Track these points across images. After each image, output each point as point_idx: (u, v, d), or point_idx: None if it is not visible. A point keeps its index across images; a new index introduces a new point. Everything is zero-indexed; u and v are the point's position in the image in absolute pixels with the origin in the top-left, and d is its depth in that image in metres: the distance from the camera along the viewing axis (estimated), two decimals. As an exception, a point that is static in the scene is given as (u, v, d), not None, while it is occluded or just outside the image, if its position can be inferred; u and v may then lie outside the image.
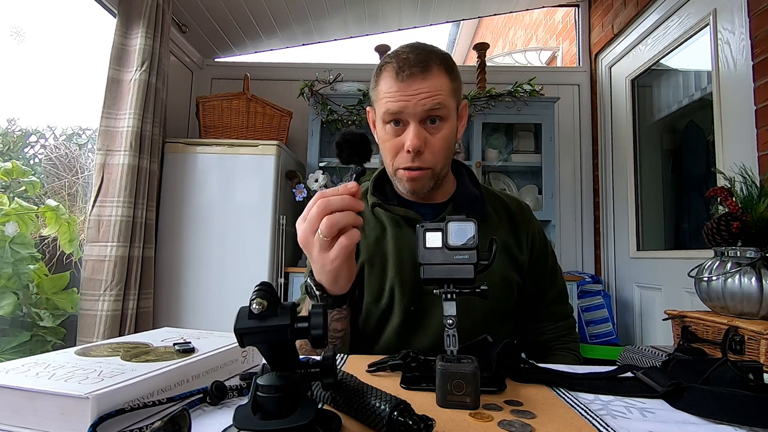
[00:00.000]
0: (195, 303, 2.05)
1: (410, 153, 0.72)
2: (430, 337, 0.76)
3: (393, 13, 2.59)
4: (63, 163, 2.10)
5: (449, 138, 0.75)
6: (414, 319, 0.77)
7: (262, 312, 0.33)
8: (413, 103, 0.70)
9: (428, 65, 0.71)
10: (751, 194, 1.07)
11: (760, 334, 0.92)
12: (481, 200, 0.83)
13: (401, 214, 0.80)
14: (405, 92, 0.71)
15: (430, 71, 0.71)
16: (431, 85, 0.71)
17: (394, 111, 0.72)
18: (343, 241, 0.55)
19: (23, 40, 1.95)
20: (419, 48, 0.73)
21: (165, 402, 0.40)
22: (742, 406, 0.41)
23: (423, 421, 0.35)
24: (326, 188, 2.51)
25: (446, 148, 0.75)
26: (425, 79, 0.71)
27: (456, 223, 0.50)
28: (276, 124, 2.35)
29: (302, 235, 0.59)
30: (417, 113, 0.71)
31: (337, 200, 0.55)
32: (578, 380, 0.52)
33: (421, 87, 0.70)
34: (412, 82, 0.70)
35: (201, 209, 2.10)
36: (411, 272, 0.77)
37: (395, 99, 0.71)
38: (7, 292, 1.61)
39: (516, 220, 0.86)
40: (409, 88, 0.70)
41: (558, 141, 2.58)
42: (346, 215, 0.55)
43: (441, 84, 0.72)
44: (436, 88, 0.71)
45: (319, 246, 0.57)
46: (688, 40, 1.90)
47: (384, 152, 0.78)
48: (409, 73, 0.70)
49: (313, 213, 0.55)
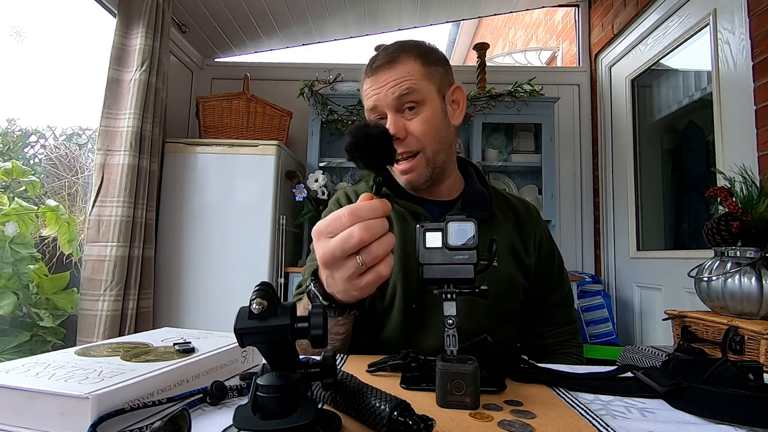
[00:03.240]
0: (195, 303, 2.05)
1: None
2: (433, 335, 0.76)
3: (393, 13, 2.59)
4: (63, 163, 2.10)
5: (432, 120, 0.75)
6: (416, 317, 0.76)
7: (262, 312, 0.33)
8: (383, 94, 0.73)
9: (396, 56, 0.74)
10: (751, 194, 1.07)
11: (760, 334, 0.92)
12: (489, 199, 0.83)
13: (409, 208, 0.80)
14: (375, 85, 0.74)
15: (397, 60, 0.74)
16: (398, 72, 0.73)
17: (371, 106, 0.75)
18: (383, 271, 0.48)
19: (23, 40, 1.95)
20: (392, 45, 0.77)
21: (165, 402, 0.40)
22: (742, 406, 0.41)
23: (423, 421, 0.35)
24: (326, 188, 2.45)
25: (431, 129, 0.75)
26: (392, 68, 0.73)
27: (456, 223, 0.50)
28: (276, 124, 2.35)
29: (329, 254, 0.48)
30: (389, 103, 0.73)
31: (378, 225, 0.46)
32: (578, 380, 0.52)
33: (389, 76, 0.73)
34: (381, 74, 0.74)
35: (201, 209, 2.10)
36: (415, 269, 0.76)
37: (369, 94, 0.75)
38: (7, 292, 1.61)
39: (523, 221, 0.85)
40: (378, 81, 0.74)
41: (558, 141, 2.58)
42: (389, 241, 0.47)
43: (409, 70, 0.73)
44: (404, 75, 0.73)
45: (352, 272, 0.48)
46: (688, 40, 1.90)
47: None
48: (377, 65, 0.74)
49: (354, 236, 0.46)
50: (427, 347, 0.74)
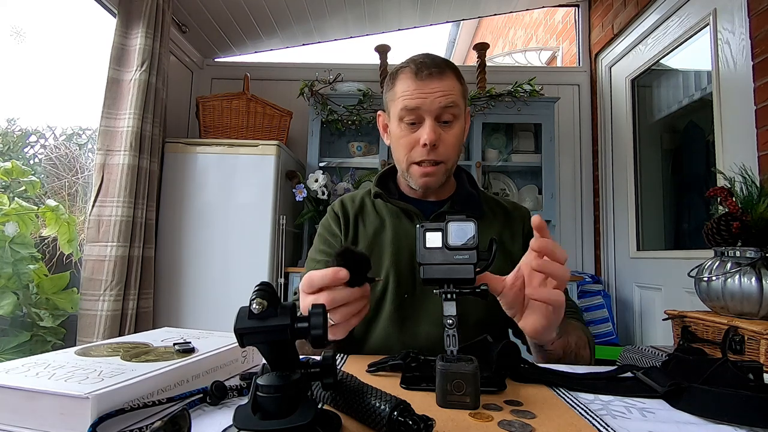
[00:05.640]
0: (195, 303, 2.05)
1: (426, 147, 0.78)
2: (424, 323, 0.79)
3: (393, 13, 2.59)
4: (63, 163, 2.10)
5: (460, 136, 0.81)
6: (408, 307, 0.80)
7: (262, 312, 0.33)
8: (430, 100, 0.77)
9: (444, 68, 0.78)
10: (751, 194, 1.07)
11: (760, 334, 0.92)
12: (477, 199, 0.88)
13: (401, 206, 0.85)
14: (423, 90, 0.77)
15: (445, 73, 0.78)
16: (446, 85, 0.77)
17: (412, 107, 0.78)
18: (353, 321, 0.54)
19: (23, 40, 1.95)
20: (433, 55, 0.81)
21: (165, 402, 0.40)
22: (742, 406, 0.41)
23: (423, 421, 0.35)
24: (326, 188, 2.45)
25: (458, 145, 0.81)
26: (441, 80, 0.77)
27: (456, 223, 0.50)
28: (276, 124, 2.35)
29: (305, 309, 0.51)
30: (433, 110, 0.77)
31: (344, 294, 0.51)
32: (578, 380, 0.52)
33: (438, 86, 0.77)
34: (429, 81, 0.77)
35: (201, 209, 2.10)
36: (408, 261, 0.82)
37: (413, 96, 0.77)
38: (7, 292, 1.61)
39: (511, 216, 0.90)
40: (427, 87, 0.77)
41: (558, 141, 2.58)
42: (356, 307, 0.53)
43: (454, 86, 0.79)
44: (450, 89, 0.78)
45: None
46: (688, 40, 1.90)
47: (398, 149, 0.83)
48: (428, 73, 0.77)
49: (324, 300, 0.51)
50: (419, 335, 0.78)
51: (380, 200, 0.88)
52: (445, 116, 0.78)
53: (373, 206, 0.90)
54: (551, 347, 0.62)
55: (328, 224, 0.90)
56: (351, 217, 0.89)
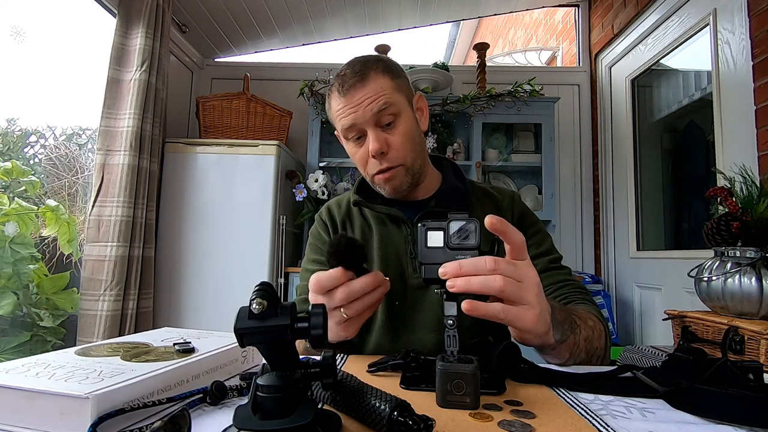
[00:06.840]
0: (195, 303, 2.05)
1: (375, 158, 0.76)
2: (418, 333, 0.78)
3: (393, 13, 2.59)
4: (63, 163, 2.10)
5: (409, 132, 0.78)
6: (399, 314, 0.79)
7: (262, 312, 0.33)
8: (361, 112, 0.74)
9: (365, 73, 0.75)
10: (751, 194, 1.07)
11: (760, 334, 0.92)
12: (464, 193, 0.85)
13: (384, 212, 0.84)
14: (351, 104, 0.75)
15: (367, 77, 0.75)
16: (372, 89, 0.74)
17: (348, 125, 0.76)
18: (366, 314, 0.56)
19: (23, 40, 1.95)
20: (355, 61, 0.78)
21: (165, 402, 0.40)
22: (742, 406, 0.41)
23: (423, 421, 0.35)
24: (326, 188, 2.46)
25: (409, 141, 0.78)
26: (365, 86, 0.75)
27: (458, 222, 0.50)
28: (276, 124, 2.35)
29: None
30: (368, 120, 0.75)
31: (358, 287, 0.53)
32: (578, 380, 0.52)
33: (363, 94, 0.74)
34: (354, 93, 0.75)
35: (201, 209, 2.10)
36: (396, 267, 0.80)
37: (345, 114, 0.76)
38: (7, 292, 1.61)
39: (502, 203, 0.87)
40: (353, 99, 0.75)
41: (558, 141, 2.58)
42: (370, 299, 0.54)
43: (381, 85, 0.75)
44: (378, 91, 0.75)
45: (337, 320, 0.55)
46: (688, 40, 1.90)
47: (356, 165, 0.82)
48: (349, 85, 0.75)
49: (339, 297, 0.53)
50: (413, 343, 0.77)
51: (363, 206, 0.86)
52: (384, 119, 0.75)
53: (359, 210, 0.88)
54: (553, 352, 0.59)
55: (317, 233, 0.90)
56: (339, 223, 0.88)
